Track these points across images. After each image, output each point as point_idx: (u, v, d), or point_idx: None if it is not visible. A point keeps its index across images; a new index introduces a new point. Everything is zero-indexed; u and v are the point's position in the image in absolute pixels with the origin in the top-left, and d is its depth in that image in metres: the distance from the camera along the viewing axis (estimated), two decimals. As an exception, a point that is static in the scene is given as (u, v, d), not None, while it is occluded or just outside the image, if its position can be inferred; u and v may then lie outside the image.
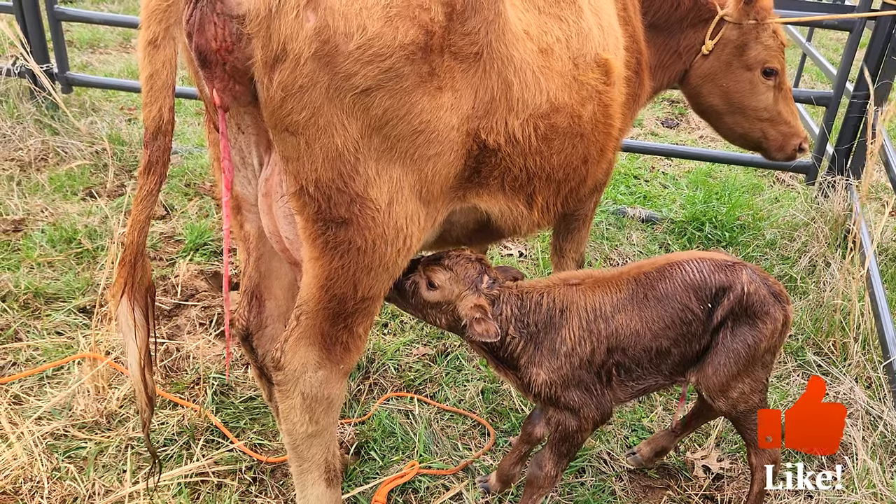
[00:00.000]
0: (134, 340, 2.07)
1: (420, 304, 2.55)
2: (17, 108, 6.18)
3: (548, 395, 2.59)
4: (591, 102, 2.67)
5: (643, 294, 2.59)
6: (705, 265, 2.61)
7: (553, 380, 2.56)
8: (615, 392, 2.65)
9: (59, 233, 4.69)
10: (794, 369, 3.87)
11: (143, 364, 2.12)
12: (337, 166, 2.00)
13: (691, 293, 2.58)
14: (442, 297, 2.52)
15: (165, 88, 1.85)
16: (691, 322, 2.58)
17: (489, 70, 2.20)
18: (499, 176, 2.47)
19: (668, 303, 2.57)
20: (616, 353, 2.57)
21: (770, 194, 6.24)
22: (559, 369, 2.55)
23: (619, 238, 5.28)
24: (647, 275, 2.63)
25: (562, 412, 2.63)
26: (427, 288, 2.50)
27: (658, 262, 2.69)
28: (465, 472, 3.18)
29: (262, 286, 2.65)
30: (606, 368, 2.59)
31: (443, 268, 2.51)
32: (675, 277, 2.60)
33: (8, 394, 3.39)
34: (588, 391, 2.60)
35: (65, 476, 2.99)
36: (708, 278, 2.58)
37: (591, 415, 2.62)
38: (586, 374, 2.58)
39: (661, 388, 2.75)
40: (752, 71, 3.65)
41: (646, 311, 2.57)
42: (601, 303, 2.58)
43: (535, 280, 2.70)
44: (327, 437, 2.48)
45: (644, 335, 2.57)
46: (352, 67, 1.89)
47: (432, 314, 2.57)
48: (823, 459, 3.27)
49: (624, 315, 2.56)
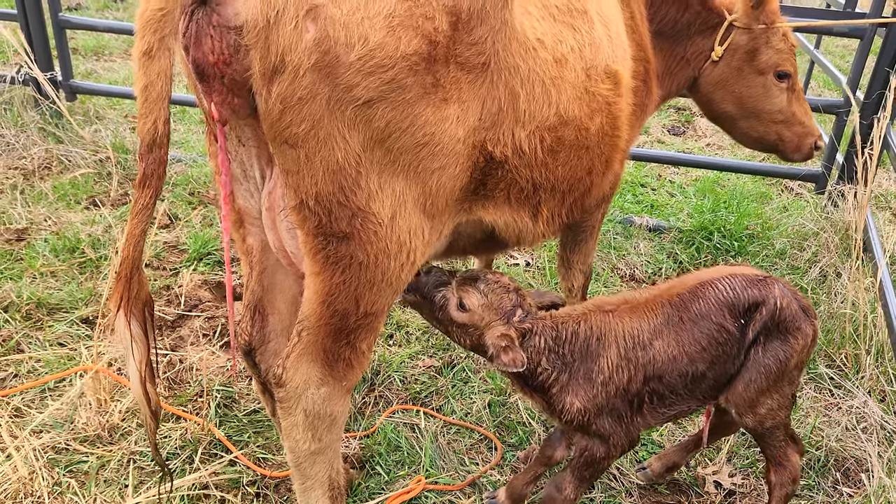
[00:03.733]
0: (132, 355, 2.03)
1: (446, 321, 2.50)
2: (20, 116, 6.16)
3: (580, 422, 2.54)
4: (599, 115, 2.63)
5: (678, 317, 2.54)
6: (737, 281, 2.56)
7: (588, 409, 2.51)
8: (645, 418, 2.60)
9: (63, 242, 4.66)
10: (806, 382, 3.80)
11: (143, 378, 2.08)
12: (338, 180, 1.96)
13: (726, 311, 2.53)
14: (470, 321, 2.45)
15: (160, 100, 1.81)
16: (727, 342, 2.53)
17: (496, 80, 2.15)
18: (504, 188, 2.42)
19: (703, 323, 2.52)
20: (653, 381, 2.52)
21: (779, 203, 6.17)
22: (595, 398, 2.50)
23: (627, 247, 5.23)
24: (680, 296, 2.57)
25: (591, 439, 2.58)
26: (457, 308, 2.44)
27: (688, 281, 2.63)
28: (472, 488, 3.12)
29: (265, 300, 2.60)
30: (640, 396, 2.54)
31: (478, 292, 2.45)
32: (708, 297, 2.55)
33: (9, 406, 3.35)
34: (619, 419, 2.55)
35: (66, 491, 2.95)
36: (741, 294, 2.53)
37: (619, 442, 2.57)
38: (620, 402, 2.53)
39: (691, 412, 2.69)
40: (765, 75, 3.60)
41: (682, 334, 2.52)
42: (639, 329, 2.52)
43: (570, 308, 2.64)
44: (331, 455, 2.44)
45: (681, 360, 2.51)
46: (353, 79, 1.85)
47: (457, 333, 2.51)
48: (839, 475, 3.21)
49: (661, 341, 2.51)
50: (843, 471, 3.25)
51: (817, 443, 3.36)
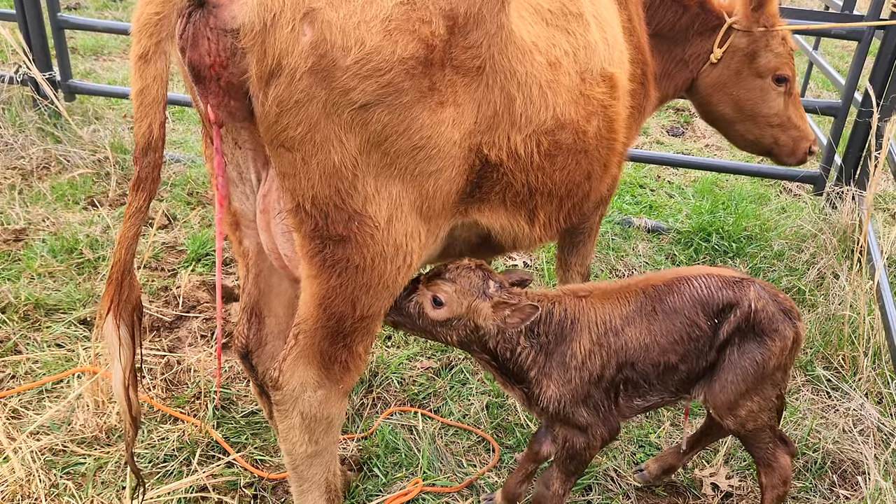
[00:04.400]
0: (118, 359, 2.02)
1: (428, 325, 2.45)
2: (19, 116, 6.15)
3: (556, 410, 2.53)
4: (596, 118, 2.63)
5: (651, 307, 2.55)
6: (713, 281, 2.57)
7: (563, 394, 2.51)
8: (622, 408, 2.60)
9: (61, 242, 4.66)
10: (803, 384, 3.81)
11: (127, 384, 2.07)
12: (334, 183, 1.96)
13: (699, 309, 2.54)
14: (451, 314, 2.42)
15: (156, 104, 1.80)
16: (699, 338, 2.54)
17: (492, 84, 2.15)
18: (500, 191, 2.42)
19: (676, 317, 2.53)
20: (625, 367, 2.53)
21: (777, 204, 6.17)
22: (569, 383, 2.50)
23: (625, 248, 5.23)
24: (655, 287, 2.58)
25: (570, 429, 2.58)
26: (433, 306, 2.42)
27: (666, 275, 2.64)
28: (470, 490, 3.12)
29: (261, 303, 2.61)
30: (615, 384, 2.54)
31: (445, 281, 2.42)
32: (683, 292, 2.56)
33: (6, 408, 3.35)
34: (596, 408, 2.55)
35: (63, 493, 2.95)
36: (715, 294, 2.54)
37: (599, 432, 2.57)
38: (595, 389, 2.53)
39: (665, 404, 2.70)
40: (763, 78, 3.61)
41: (654, 324, 2.53)
42: (611, 315, 2.53)
43: (543, 290, 2.65)
44: (328, 457, 2.44)
45: (653, 349, 2.52)
46: (350, 82, 1.85)
47: (443, 332, 2.48)
48: (835, 478, 3.21)
49: (634, 328, 2.52)
50: (840, 473, 3.25)
51: (814, 445, 3.36)
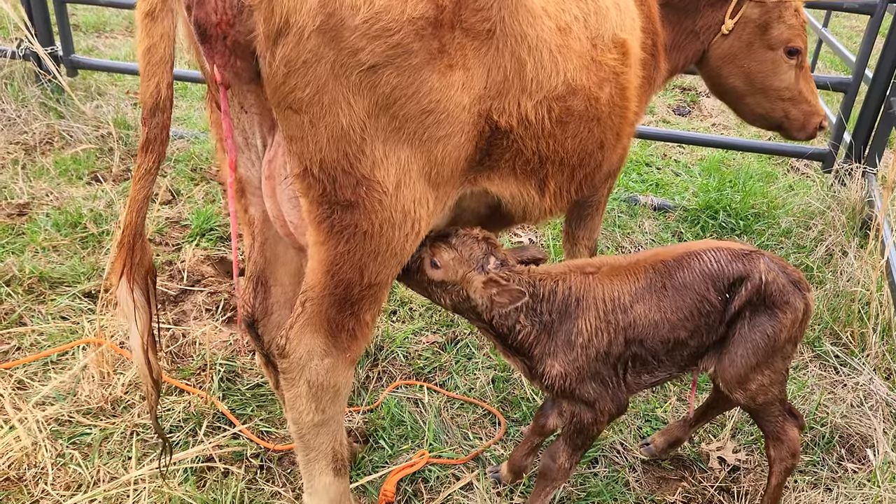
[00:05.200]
0: (135, 323, 2.01)
1: (424, 282, 2.45)
2: (21, 91, 6.12)
3: (562, 387, 2.51)
4: (608, 85, 2.58)
5: (661, 283, 2.51)
6: (723, 254, 2.54)
7: (568, 372, 2.48)
8: (629, 384, 2.58)
9: (65, 217, 4.64)
10: (811, 360, 3.79)
11: (146, 347, 2.06)
12: (342, 147, 1.93)
13: (709, 283, 2.50)
14: (445, 277, 2.42)
15: (163, 63, 1.77)
16: (709, 313, 2.50)
17: (502, 48, 2.11)
18: (510, 159, 2.38)
19: (686, 293, 2.49)
20: (634, 344, 2.49)
21: (784, 182, 6.13)
22: (574, 361, 2.47)
23: (631, 226, 5.20)
24: (664, 263, 2.55)
25: (576, 405, 2.56)
26: (431, 266, 2.41)
27: (675, 250, 2.61)
28: (476, 462, 3.12)
29: (267, 272, 2.58)
30: (622, 360, 2.52)
31: (448, 246, 2.41)
32: (693, 267, 2.52)
33: (12, 379, 3.35)
34: (604, 384, 2.52)
35: (69, 462, 2.95)
36: (725, 268, 2.50)
37: (606, 407, 2.54)
38: (602, 366, 2.50)
39: (673, 378, 2.68)
40: (775, 50, 3.54)
41: (664, 301, 2.49)
42: (619, 292, 2.50)
43: (549, 266, 2.61)
44: (334, 426, 2.42)
45: (662, 326, 2.49)
46: (358, 42, 1.81)
47: (437, 292, 2.47)
48: (843, 452, 3.20)
49: (642, 305, 2.48)
50: (848, 447, 3.24)
51: (822, 419, 3.35)
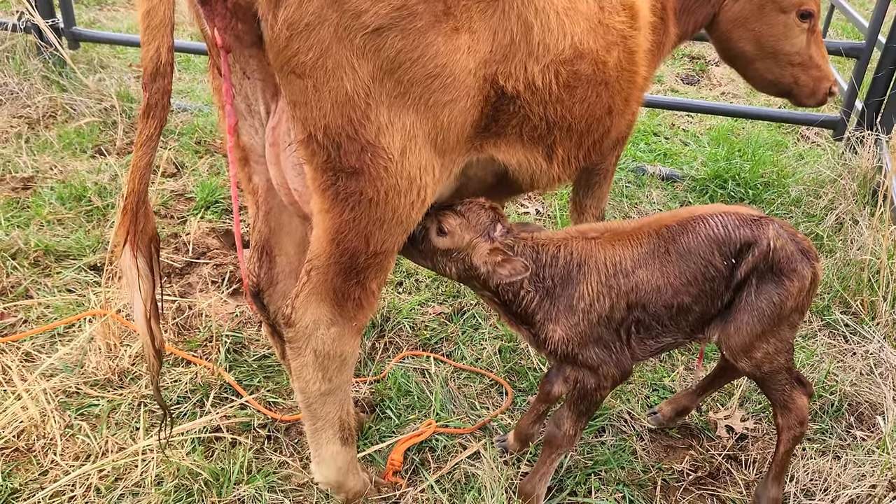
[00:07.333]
0: (138, 291, 1.99)
1: (429, 251, 2.45)
2: (23, 64, 6.07)
3: (564, 352, 2.50)
4: (616, 49, 2.53)
5: (665, 248, 2.47)
6: (730, 219, 2.48)
7: (570, 337, 2.47)
8: (633, 350, 2.56)
9: (69, 190, 4.63)
10: (820, 328, 3.76)
11: (149, 315, 2.04)
12: (347, 112, 1.89)
13: (715, 248, 2.46)
14: (452, 244, 2.41)
15: (163, 26, 1.73)
16: (714, 279, 2.46)
17: (508, 11, 2.07)
18: (517, 125, 2.34)
19: (690, 258, 2.46)
20: (636, 309, 2.47)
21: (794, 151, 6.06)
22: (576, 326, 2.46)
23: (639, 196, 5.15)
24: (668, 228, 2.51)
25: (580, 370, 2.54)
26: (437, 234, 2.41)
27: (680, 214, 2.56)
28: (483, 432, 3.12)
29: (272, 241, 2.56)
30: (626, 326, 2.50)
31: (454, 213, 2.41)
32: (698, 231, 2.48)
33: (20, 351, 3.36)
34: (607, 349, 2.51)
35: (77, 433, 2.96)
36: (732, 233, 2.46)
37: (610, 373, 2.53)
38: (605, 331, 2.48)
39: (679, 345, 2.65)
40: (787, 14, 3.47)
41: (667, 266, 2.46)
42: (621, 257, 2.47)
43: (551, 232, 2.58)
44: (341, 396, 2.42)
45: (665, 291, 2.46)
46: (362, 4, 1.77)
47: (442, 262, 2.47)
48: (852, 419, 3.18)
49: (645, 270, 2.46)
50: (857, 415, 3.23)
51: (831, 388, 3.34)
